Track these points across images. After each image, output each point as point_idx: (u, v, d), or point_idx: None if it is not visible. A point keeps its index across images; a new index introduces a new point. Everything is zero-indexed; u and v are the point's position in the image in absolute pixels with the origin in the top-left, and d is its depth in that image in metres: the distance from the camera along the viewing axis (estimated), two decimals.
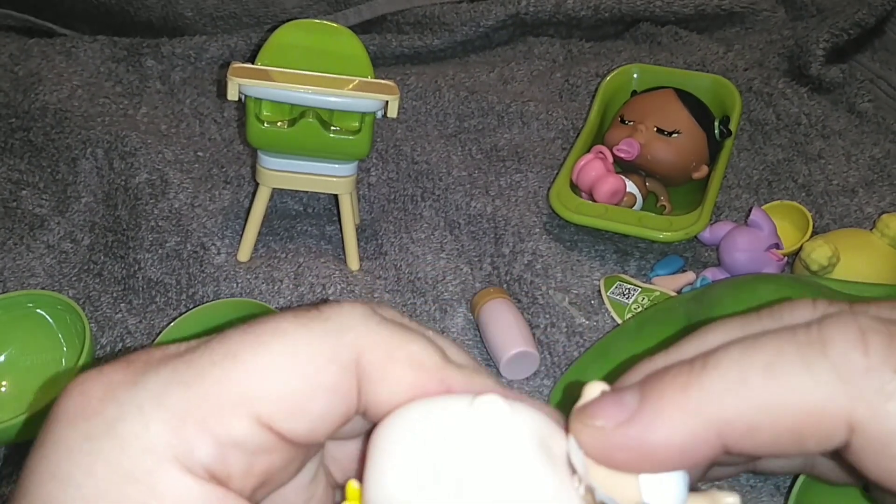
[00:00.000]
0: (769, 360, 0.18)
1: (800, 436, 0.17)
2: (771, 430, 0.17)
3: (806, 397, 0.17)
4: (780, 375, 0.17)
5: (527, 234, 0.65)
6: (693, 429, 0.18)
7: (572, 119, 0.79)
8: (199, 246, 0.65)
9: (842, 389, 0.17)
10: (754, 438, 0.18)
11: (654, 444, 0.18)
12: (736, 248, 0.61)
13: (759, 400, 0.17)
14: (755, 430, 0.17)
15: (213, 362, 0.19)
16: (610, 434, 0.18)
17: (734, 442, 0.18)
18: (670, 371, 0.19)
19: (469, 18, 0.90)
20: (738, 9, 0.93)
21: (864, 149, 0.74)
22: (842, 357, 0.17)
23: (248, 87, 0.55)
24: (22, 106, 0.77)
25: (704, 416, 0.18)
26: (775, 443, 0.18)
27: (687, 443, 0.18)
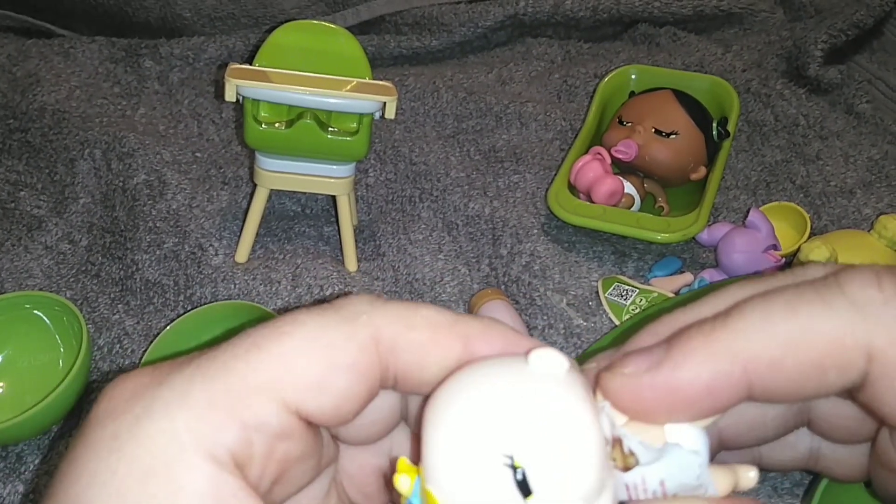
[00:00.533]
0: (790, 302, 0.19)
1: (821, 367, 0.18)
2: (794, 362, 0.18)
3: (826, 329, 0.18)
4: (801, 313, 0.18)
5: (525, 235, 0.65)
6: (719, 365, 0.19)
7: (570, 120, 0.79)
8: (196, 247, 0.65)
9: (860, 320, 0.18)
10: (779, 372, 0.18)
11: (681, 383, 0.19)
12: (734, 250, 0.61)
13: (783, 334, 0.18)
14: (779, 363, 0.18)
15: (235, 355, 0.19)
16: (639, 378, 0.19)
17: (759, 377, 0.18)
18: (695, 324, 0.20)
19: (467, 19, 0.90)
20: (736, 10, 0.93)
21: (862, 150, 0.74)
22: (859, 292, 0.18)
23: (245, 89, 0.55)
24: (20, 106, 0.77)
25: (730, 353, 0.19)
26: (799, 376, 0.18)
27: (714, 380, 0.19)
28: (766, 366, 0.18)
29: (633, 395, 0.19)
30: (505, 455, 0.17)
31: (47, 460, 0.53)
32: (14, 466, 0.53)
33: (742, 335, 0.19)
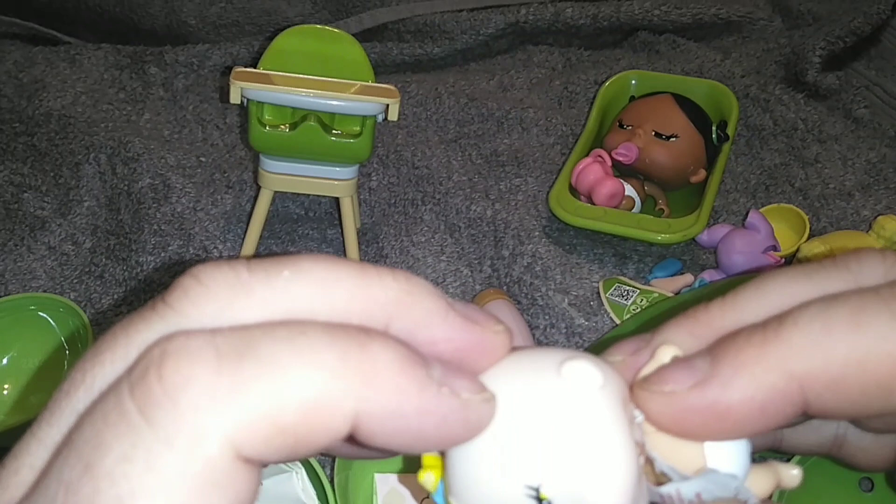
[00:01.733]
0: (854, 313, 0.17)
1: (888, 387, 0.16)
2: (858, 381, 0.16)
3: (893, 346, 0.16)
4: (867, 327, 0.16)
5: (526, 236, 0.66)
6: (774, 384, 0.17)
7: (571, 125, 0.79)
8: (201, 249, 0.65)
9: None
10: (840, 392, 0.17)
11: (732, 403, 0.17)
12: (733, 250, 0.61)
13: (846, 350, 0.16)
14: (841, 382, 0.17)
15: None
16: (682, 397, 0.17)
17: (817, 396, 0.17)
18: (742, 333, 0.18)
19: (469, 27, 0.91)
20: (735, 18, 0.94)
21: (861, 153, 0.75)
22: None
23: (250, 91, 0.56)
24: (26, 112, 0.78)
25: (786, 370, 0.17)
26: (861, 397, 0.17)
27: (768, 399, 0.17)
28: (826, 385, 0.17)
29: (676, 416, 0.17)
30: (530, 487, 0.16)
31: None
32: None
33: (800, 350, 0.17)
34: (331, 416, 0.14)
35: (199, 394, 0.13)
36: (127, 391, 0.14)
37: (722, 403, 0.17)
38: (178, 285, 0.15)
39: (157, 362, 0.14)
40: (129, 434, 0.13)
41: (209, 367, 0.14)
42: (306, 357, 0.14)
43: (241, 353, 0.14)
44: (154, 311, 0.15)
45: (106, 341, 0.15)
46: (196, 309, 0.15)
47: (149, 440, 0.13)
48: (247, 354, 0.14)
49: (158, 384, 0.13)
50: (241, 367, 0.14)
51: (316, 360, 0.14)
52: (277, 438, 0.14)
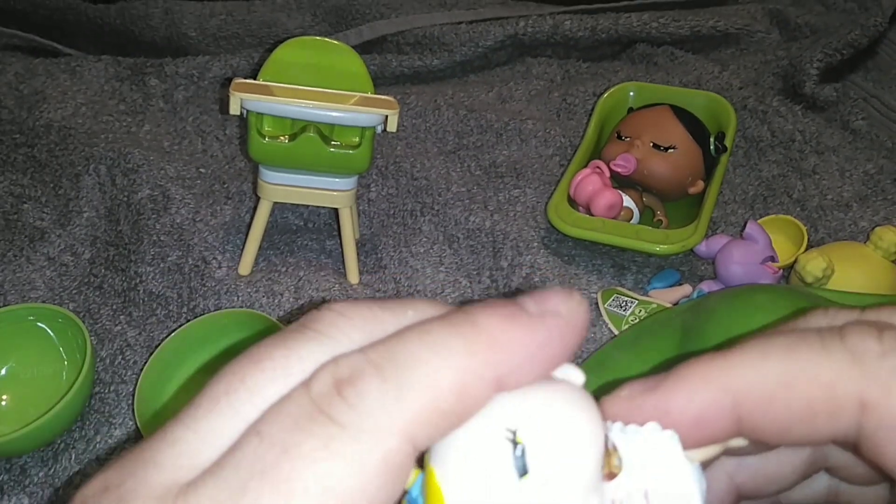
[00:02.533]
0: (791, 342, 0.19)
1: (811, 411, 0.18)
2: (784, 402, 0.18)
3: (820, 373, 0.18)
4: (799, 355, 0.18)
5: (525, 247, 0.66)
6: (710, 396, 0.19)
7: (570, 137, 0.80)
8: (200, 260, 0.65)
9: (855, 368, 0.18)
10: (768, 411, 0.18)
11: (672, 407, 0.19)
12: (732, 261, 0.61)
13: (775, 373, 0.18)
14: (769, 401, 0.18)
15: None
16: (631, 400, 0.19)
17: (748, 413, 0.18)
18: (696, 357, 0.20)
19: (468, 39, 0.91)
20: (732, 30, 0.94)
21: (858, 164, 0.75)
22: (858, 342, 0.18)
23: (249, 102, 0.56)
24: (26, 123, 0.78)
25: (721, 385, 0.19)
26: (787, 418, 0.18)
27: (704, 409, 0.19)
28: (756, 402, 0.18)
29: (625, 416, 0.19)
30: (508, 429, 0.17)
31: (51, 473, 0.53)
32: (18, 479, 0.53)
33: (737, 370, 0.19)
34: (478, 388, 0.17)
35: (373, 401, 0.16)
36: (311, 402, 0.16)
37: (663, 407, 0.19)
38: (322, 317, 0.18)
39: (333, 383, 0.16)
40: (322, 432, 0.16)
41: (375, 380, 0.16)
42: (439, 349, 0.17)
43: (392, 359, 0.17)
44: (306, 336, 0.18)
45: (264, 354, 0.18)
46: (344, 336, 0.18)
47: (339, 436, 0.16)
48: (397, 358, 0.17)
49: (340, 399, 0.16)
50: (398, 370, 0.17)
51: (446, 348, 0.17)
52: (443, 421, 0.17)
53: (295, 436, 0.16)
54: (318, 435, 0.16)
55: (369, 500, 0.16)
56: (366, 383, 0.16)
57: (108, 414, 0.57)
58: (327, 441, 0.16)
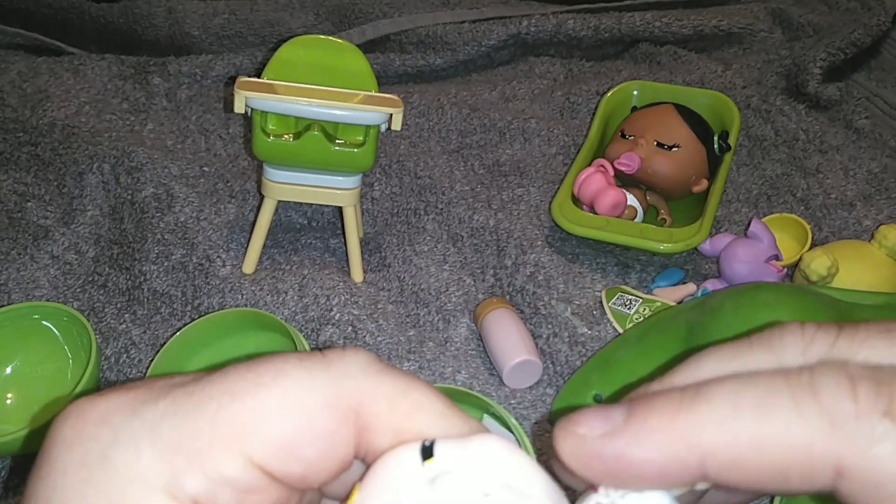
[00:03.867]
0: (761, 398, 0.18)
1: (784, 474, 0.18)
2: (755, 464, 0.18)
3: (794, 436, 0.17)
4: (771, 414, 0.18)
5: (529, 246, 0.66)
6: (676, 452, 0.18)
7: (573, 136, 0.80)
8: (204, 258, 0.65)
9: (830, 432, 0.17)
10: (737, 471, 0.18)
11: (633, 460, 0.18)
12: (736, 259, 0.61)
13: (747, 434, 0.18)
14: (739, 462, 0.18)
15: (210, 397, 0.19)
16: (591, 443, 0.19)
17: (716, 472, 0.18)
18: (661, 395, 0.19)
19: (471, 38, 0.91)
20: (735, 30, 0.94)
21: (862, 163, 0.75)
22: (832, 402, 0.17)
23: (254, 100, 0.56)
24: (30, 121, 0.78)
25: (689, 442, 0.18)
26: (758, 478, 0.18)
27: (667, 464, 0.18)
28: (726, 463, 0.18)
29: (582, 458, 0.19)
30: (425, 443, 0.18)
31: None
32: (23, 477, 0.53)
33: (706, 426, 0.18)
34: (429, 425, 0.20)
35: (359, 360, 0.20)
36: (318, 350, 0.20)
37: (625, 458, 0.18)
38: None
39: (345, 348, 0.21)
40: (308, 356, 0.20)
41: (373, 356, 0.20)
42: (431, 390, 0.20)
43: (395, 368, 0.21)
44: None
45: None
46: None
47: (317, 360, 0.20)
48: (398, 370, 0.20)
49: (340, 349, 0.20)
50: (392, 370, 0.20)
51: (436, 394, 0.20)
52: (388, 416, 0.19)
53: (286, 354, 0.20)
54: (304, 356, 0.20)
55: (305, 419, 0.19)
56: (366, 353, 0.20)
57: None
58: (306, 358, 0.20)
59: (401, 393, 0.20)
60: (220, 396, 0.19)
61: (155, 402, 0.19)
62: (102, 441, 0.18)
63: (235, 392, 0.19)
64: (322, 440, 0.19)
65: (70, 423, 0.19)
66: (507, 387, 0.57)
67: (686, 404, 0.18)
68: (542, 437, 0.54)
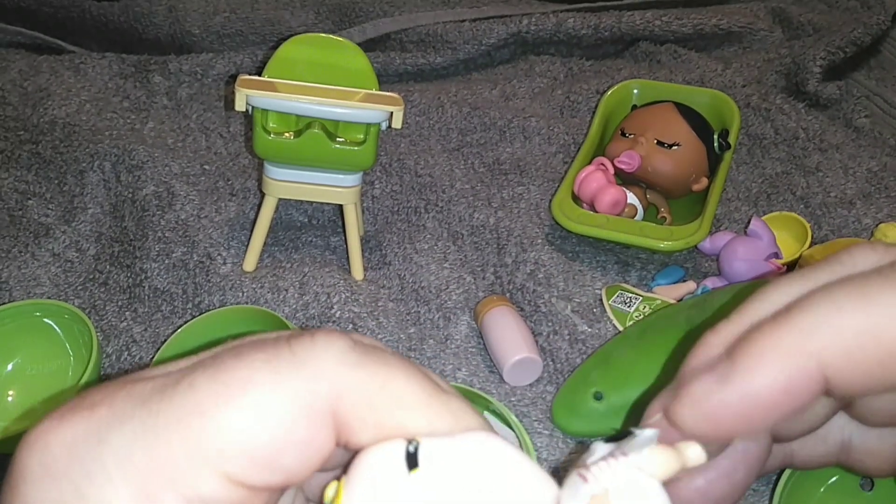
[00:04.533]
0: (860, 289, 0.18)
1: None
2: (873, 352, 0.17)
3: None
4: (876, 301, 0.17)
5: (529, 244, 0.66)
6: (795, 365, 0.18)
7: (573, 134, 0.80)
8: (205, 256, 0.66)
9: None
10: (858, 364, 0.17)
11: (759, 391, 0.18)
12: (736, 257, 0.61)
13: (857, 324, 0.17)
14: (858, 354, 0.17)
15: (178, 418, 0.18)
16: (711, 398, 0.18)
17: (836, 371, 0.17)
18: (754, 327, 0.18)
19: (471, 37, 0.91)
20: (735, 28, 0.94)
21: (862, 162, 0.75)
22: None
23: (255, 98, 0.56)
24: (31, 120, 0.78)
25: (803, 350, 0.18)
26: (878, 367, 0.17)
27: (792, 381, 0.18)
28: (843, 359, 0.17)
29: (710, 416, 0.18)
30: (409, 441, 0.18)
31: None
32: None
33: (814, 329, 0.18)
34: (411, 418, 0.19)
35: (332, 353, 0.18)
36: (286, 336, 0.19)
37: (750, 393, 0.18)
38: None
39: (315, 331, 0.19)
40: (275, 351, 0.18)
41: (346, 344, 0.19)
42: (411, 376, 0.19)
43: (370, 352, 0.19)
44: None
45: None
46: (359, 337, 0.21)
47: (285, 359, 0.18)
48: (373, 354, 0.19)
49: (310, 337, 0.19)
50: (367, 357, 0.19)
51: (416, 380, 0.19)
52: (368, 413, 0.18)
53: (252, 348, 0.19)
54: (270, 352, 0.19)
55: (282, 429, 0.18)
56: (338, 340, 0.19)
57: None
58: (273, 357, 0.18)
59: (379, 386, 0.19)
60: (189, 417, 0.18)
61: (121, 427, 0.18)
62: (74, 478, 0.18)
63: (205, 409, 0.18)
64: (300, 447, 0.18)
65: (36, 456, 0.18)
66: (508, 384, 0.57)
67: (783, 321, 0.18)
68: (540, 435, 0.54)
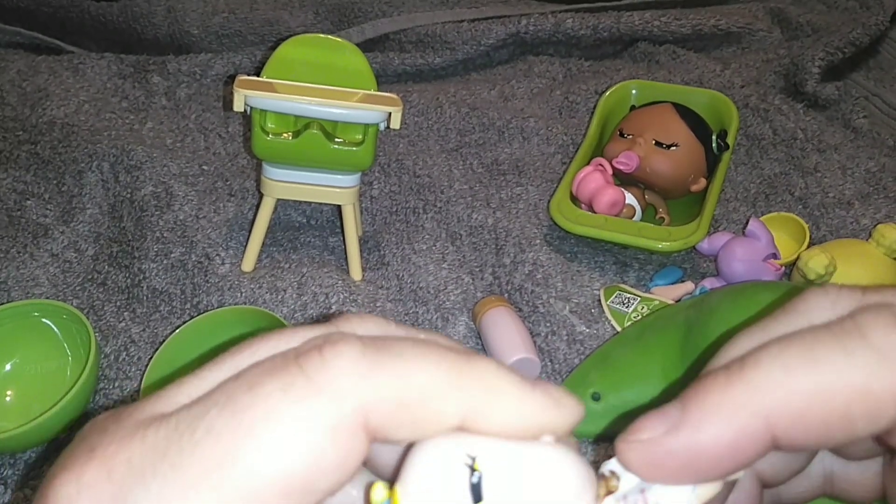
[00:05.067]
0: (809, 349, 0.18)
1: (849, 417, 0.17)
2: (820, 413, 0.17)
3: (852, 378, 0.17)
4: (823, 361, 0.18)
5: (527, 244, 0.66)
6: (741, 422, 0.18)
7: (572, 135, 0.80)
8: (203, 256, 0.66)
9: (886, 367, 0.17)
10: (804, 425, 0.18)
11: (703, 445, 0.18)
12: (734, 258, 0.61)
13: (806, 385, 0.18)
14: (804, 415, 0.18)
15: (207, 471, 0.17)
16: (658, 444, 0.18)
17: (783, 431, 0.18)
18: (708, 377, 0.19)
19: (470, 37, 0.91)
20: (734, 29, 0.94)
21: (860, 163, 0.75)
22: (882, 339, 0.17)
23: (253, 99, 0.56)
24: (29, 120, 0.78)
25: (751, 408, 0.18)
26: (825, 427, 0.18)
27: (737, 438, 0.18)
28: (791, 419, 0.18)
29: (654, 462, 0.18)
30: (468, 455, 0.18)
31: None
32: (22, 474, 0.53)
33: (763, 389, 0.18)
34: (445, 403, 0.18)
35: (346, 365, 0.17)
36: (293, 355, 0.18)
37: (695, 446, 0.18)
38: (341, 315, 0.20)
39: (318, 342, 0.18)
40: (288, 378, 0.17)
41: (356, 350, 0.18)
42: (429, 358, 0.18)
43: (380, 348, 0.18)
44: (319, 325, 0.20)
45: (276, 333, 0.19)
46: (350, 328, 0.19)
47: (302, 385, 0.17)
48: (385, 349, 0.18)
49: (318, 353, 0.18)
50: (380, 355, 0.18)
51: (435, 360, 0.18)
52: (400, 413, 0.17)
53: (263, 377, 0.17)
54: (284, 379, 0.17)
55: (313, 457, 0.17)
56: (347, 348, 0.18)
57: None
58: (289, 386, 0.17)
59: (403, 384, 0.18)
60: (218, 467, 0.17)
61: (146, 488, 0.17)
62: None
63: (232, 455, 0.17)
64: (334, 467, 0.18)
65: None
66: None
67: (736, 376, 0.18)
68: None
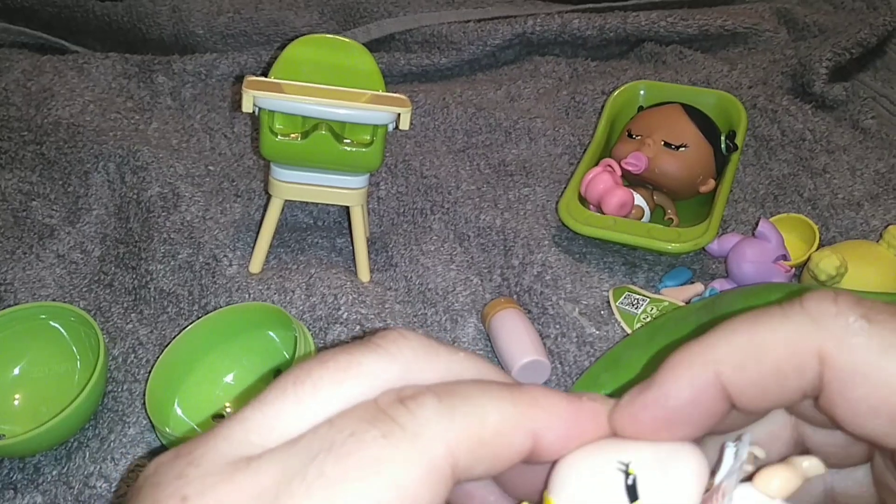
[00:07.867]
0: (756, 315, 0.21)
1: (781, 371, 0.20)
2: (756, 366, 0.20)
3: (783, 336, 0.20)
4: (762, 323, 0.20)
5: (536, 245, 0.66)
6: (695, 373, 0.20)
7: (579, 135, 0.80)
8: (210, 258, 0.65)
9: (813, 328, 0.20)
10: (745, 376, 0.20)
11: (668, 397, 0.20)
12: (744, 260, 0.61)
13: (744, 340, 0.20)
14: (745, 367, 0.20)
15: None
16: (632, 404, 0.21)
17: (729, 381, 0.20)
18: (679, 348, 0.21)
19: (476, 38, 0.91)
20: (741, 29, 0.94)
21: (869, 163, 0.75)
22: (815, 306, 0.20)
23: (262, 100, 0.56)
24: (35, 120, 0.78)
25: (704, 363, 0.20)
26: (762, 379, 0.20)
27: (694, 388, 0.20)
28: (733, 370, 0.20)
29: (631, 420, 0.21)
30: (621, 462, 0.20)
31: (65, 471, 0.53)
32: (32, 477, 0.53)
33: (712, 344, 0.20)
34: (515, 433, 0.20)
35: (430, 414, 0.19)
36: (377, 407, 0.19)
37: (661, 399, 0.20)
38: (385, 335, 0.21)
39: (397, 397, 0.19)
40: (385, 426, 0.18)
41: (434, 399, 0.19)
42: (492, 395, 0.20)
43: (452, 394, 0.20)
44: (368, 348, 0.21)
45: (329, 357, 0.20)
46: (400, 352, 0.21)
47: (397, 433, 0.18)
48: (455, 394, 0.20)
49: (401, 404, 0.19)
50: (453, 400, 0.19)
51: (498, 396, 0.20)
52: (480, 450, 0.19)
53: (361, 425, 0.19)
54: (380, 428, 0.18)
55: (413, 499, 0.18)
56: (426, 400, 0.19)
57: (122, 413, 0.57)
58: (387, 433, 0.18)
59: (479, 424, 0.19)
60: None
61: None
62: None
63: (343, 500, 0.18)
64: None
65: None
66: None
67: (696, 340, 0.21)
68: None
